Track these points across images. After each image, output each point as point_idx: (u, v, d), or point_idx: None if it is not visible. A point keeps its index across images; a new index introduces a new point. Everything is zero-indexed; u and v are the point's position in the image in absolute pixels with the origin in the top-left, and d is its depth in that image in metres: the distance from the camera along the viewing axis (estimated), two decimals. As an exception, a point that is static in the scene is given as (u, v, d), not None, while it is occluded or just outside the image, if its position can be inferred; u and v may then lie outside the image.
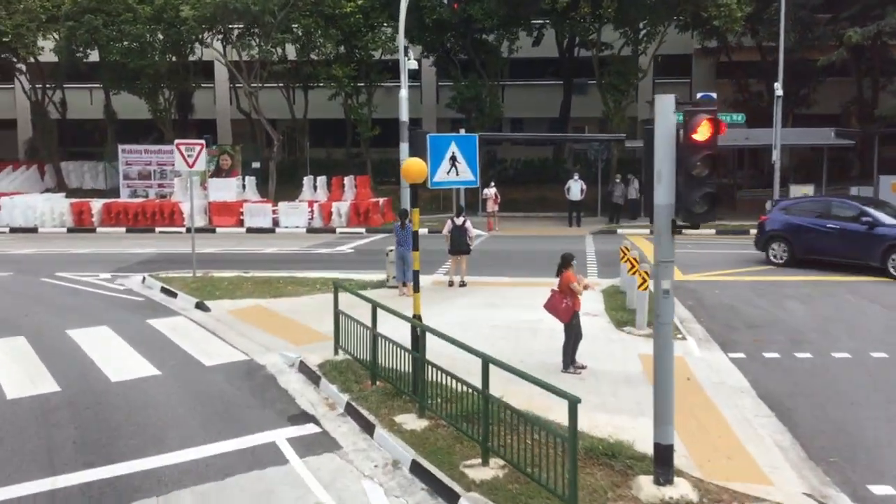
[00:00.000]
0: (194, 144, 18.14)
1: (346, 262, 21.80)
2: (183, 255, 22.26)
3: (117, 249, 24.45)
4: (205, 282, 17.77)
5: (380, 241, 26.67)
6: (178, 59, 35.28)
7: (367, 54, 33.64)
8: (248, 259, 22.34)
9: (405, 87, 17.84)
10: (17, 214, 30.66)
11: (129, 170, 34.99)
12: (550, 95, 42.86)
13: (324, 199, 31.57)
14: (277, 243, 26.16)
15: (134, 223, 30.62)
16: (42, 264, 21.12)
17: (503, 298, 16.43)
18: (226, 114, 43.77)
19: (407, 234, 16.60)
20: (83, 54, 33.69)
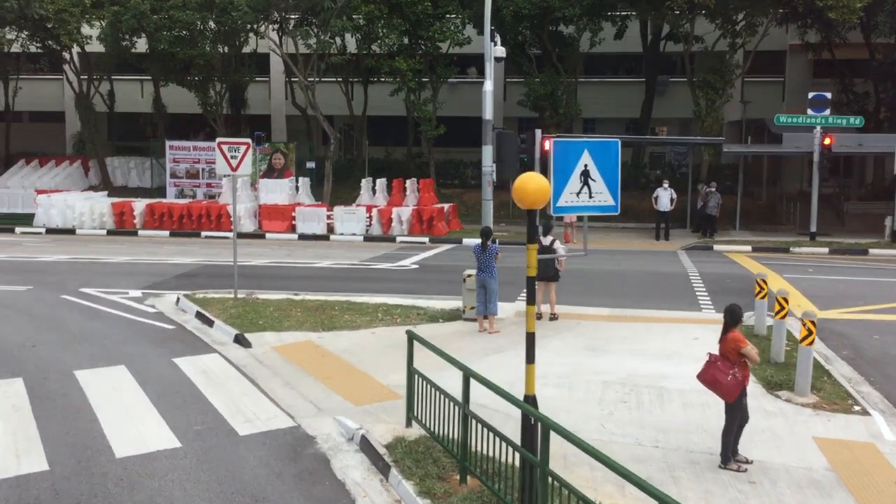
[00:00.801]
0: (239, 144, 15.44)
1: (409, 281, 18.92)
2: (227, 267, 19.63)
3: (156, 258, 21.97)
4: (247, 306, 15.05)
5: (445, 254, 23.75)
6: (230, 49, 32.86)
7: (434, 46, 30.74)
8: (298, 275, 19.62)
9: (490, 79, 14.92)
10: (54, 214, 28.53)
11: (177, 168, 32.72)
12: (628, 94, 39.49)
13: (383, 204, 28.80)
14: (332, 254, 23.44)
15: (178, 226, 28.25)
16: (68, 276, 18.69)
17: (606, 339, 13.34)
18: (280, 109, 41.36)
19: (489, 258, 13.63)
20: (129, 42, 31.47)
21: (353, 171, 35.46)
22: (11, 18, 28.11)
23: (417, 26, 29.73)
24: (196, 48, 29.90)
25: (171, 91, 36.29)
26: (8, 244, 24.65)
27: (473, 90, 41.38)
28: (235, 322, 13.90)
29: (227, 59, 33.62)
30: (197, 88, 31.84)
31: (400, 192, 29.06)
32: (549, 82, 30.08)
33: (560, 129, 30.66)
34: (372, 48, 32.03)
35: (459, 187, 35.38)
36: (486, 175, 14.59)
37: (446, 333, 13.51)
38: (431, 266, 21.06)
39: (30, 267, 20.06)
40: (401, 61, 29.71)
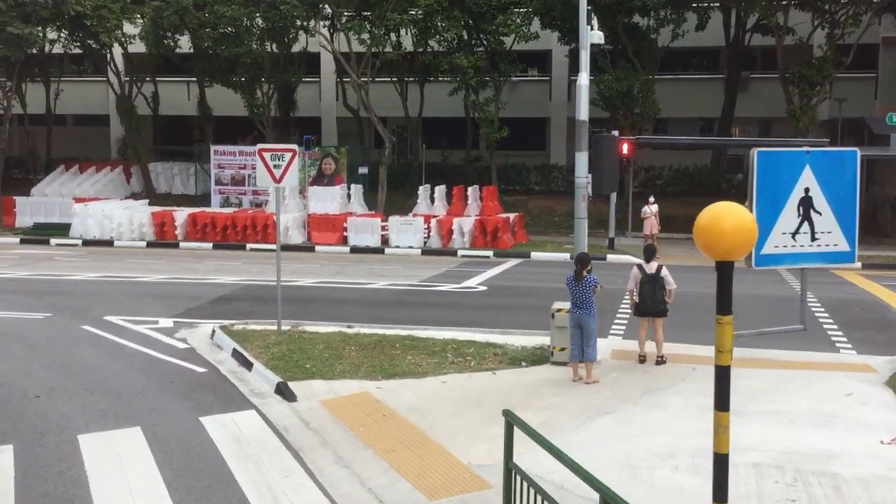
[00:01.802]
0: (283, 151, 13.13)
1: (478, 308, 16.40)
2: (271, 288, 17.39)
3: (194, 276, 19.84)
4: (293, 343, 12.73)
5: (514, 272, 21.19)
6: (279, 48, 30.77)
7: (497, 41, 28.22)
8: (350, 298, 17.24)
9: (585, 70, 12.29)
10: (91, 225, 26.72)
11: (222, 174, 30.76)
12: (703, 91, 36.48)
13: (443, 214, 26.36)
14: (387, 271, 21.06)
15: (222, 238, 26.20)
16: (94, 300, 16.60)
17: (737, 392, 10.62)
18: (331, 111, 39.25)
19: (585, 292, 11.05)
20: (171, 40, 29.59)
21: (407, 177, 33.16)
22: (47, 15, 26.40)
23: (480, 19, 27.25)
24: (242, 46, 27.86)
25: (217, 92, 34.42)
26: (39, 259, 22.81)
27: (535, 89, 38.84)
28: (278, 364, 11.56)
29: (274, 59, 31.56)
30: (243, 89, 29.81)
31: (460, 201, 26.60)
32: (625, 79, 27.30)
33: (635, 131, 27.88)
34: (429, 44, 29.68)
35: (523, 194, 32.82)
36: (579, 188, 12.00)
37: (534, 383, 10.99)
38: (501, 288, 18.52)
39: (54, 288, 18.06)
40: (461, 57, 27.26)
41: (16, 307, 15.65)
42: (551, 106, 38.47)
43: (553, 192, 33.28)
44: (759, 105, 34.81)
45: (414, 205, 30.61)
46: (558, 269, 21.83)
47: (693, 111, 37.33)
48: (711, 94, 35.90)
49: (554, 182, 33.98)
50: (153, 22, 27.43)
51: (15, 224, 28.99)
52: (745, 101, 35.00)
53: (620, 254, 24.19)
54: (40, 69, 34.80)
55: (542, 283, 19.30)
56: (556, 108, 38.30)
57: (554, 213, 30.43)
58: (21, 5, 25.57)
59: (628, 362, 12.14)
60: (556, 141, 38.57)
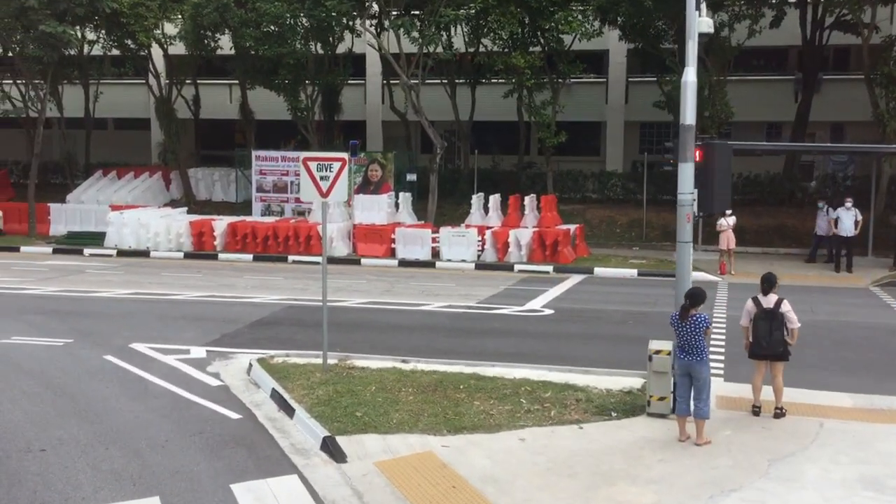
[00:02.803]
0: (331, 160, 11.41)
1: (548, 336, 14.51)
2: (316, 310, 15.79)
3: (232, 294, 18.24)
4: (340, 382, 10.99)
5: (580, 290, 19.23)
6: (324, 47, 29.19)
7: (556, 39, 26.28)
8: (403, 323, 15.47)
9: (693, 64, 10.31)
10: (126, 234, 25.37)
11: (263, 180, 29.26)
12: (773, 93, 34.11)
13: (497, 225, 24.50)
14: (440, 289, 19.27)
15: (263, 249, 24.66)
16: (122, 322, 15.07)
17: (885, 462, 8.64)
18: (376, 114, 37.60)
19: (695, 333, 9.10)
20: (212, 39, 28.16)
21: (457, 185, 31.35)
22: (82, 13, 25.12)
23: (538, 16, 25.35)
24: (285, 46, 26.30)
25: (259, 95, 32.99)
26: (69, 272, 21.46)
27: (590, 91, 36.63)
28: (324, 412, 9.83)
29: (319, 60, 30.00)
30: (286, 91, 28.26)
31: (517, 211, 24.71)
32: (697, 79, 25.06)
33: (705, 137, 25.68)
34: (482, 43, 27.85)
35: (579, 203, 30.79)
36: (683, 206, 10.02)
37: (632, 444, 9.09)
38: (569, 311, 16.59)
39: (80, 307, 16.57)
40: (517, 57, 25.38)
41: (35, 331, 14.17)
42: (607, 109, 36.36)
43: (611, 201, 31.21)
44: (830, 108, 32.38)
45: (464, 214, 28.78)
46: (626, 287, 19.88)
47: (759, 114, 34.91)
48: (779, 97, 33.56)
49: (612, 190, 31.91)
50: (193, 20, 26.01)
51: (49, 232, 27.81)
52: (817, 104, 32.59)
53: (692, 270, 22.02)
54: (80, 71, 33.74)
55: (613, 305, 17.36)
56: (612, 112, 36.18)
57: (615, 224, 28.41)
58: (55, 2, 24.31)
59: (739, 414, 10.17)
60: (612, 146, 36.45)
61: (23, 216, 27.86)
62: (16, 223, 28.05)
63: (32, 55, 25.45)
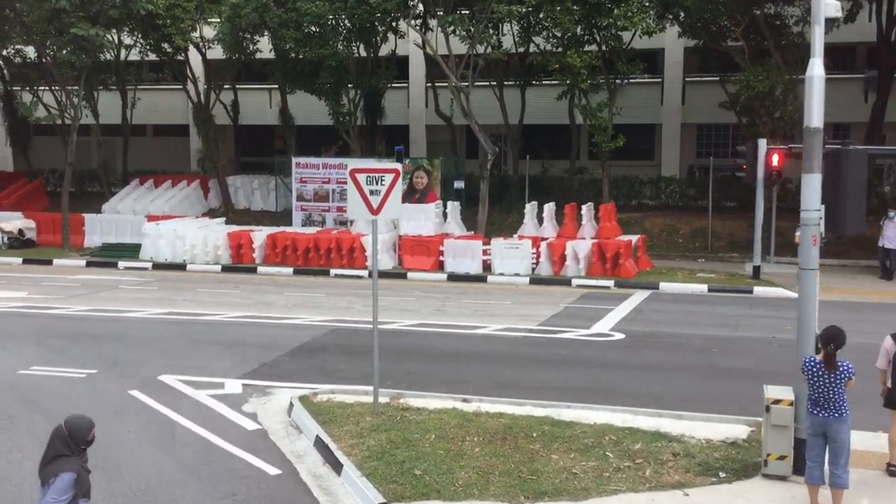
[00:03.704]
0: (382, 172, 9.95)
1: (624, 366, 12.88)
2: (363, 334, 14.47)
3: (272, 314, 16.90)
4: (394, 428, 9.54)
5: (646, 308, 17.54)
6: (366, 49, 27.85)
7: (615, 37, 24.61)
8: (458, 350, 13.95)
9: (819, 55, 8.61)
10: (162, 246, 24.24)
11: (304, 189, 28.01)
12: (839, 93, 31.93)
13: (553, 236, 22.90)
14: (495, 308, 17.74)
15: (304, 262, 23.36)
16: (151, 348, 13.78)
17: None
18: (419, 119, 36.23)
19: (835, 384, 7.42)
20: (250, 41, 26.97)
21: (506, 191, 29.83)
22: (116, 16, 24.08)
23: (595, 11, 23.71)
24: (326, 47, 25.01)
25: (299, 100, 31.83)
26: (101, 287, 20.34)
27: (644, 92, 34.81)
28: (377, 467, 8.38)
29: (361, 62, 28.68)
30: (327, 96, 26.96)
31: (573, 221, 23.07)
32: (767, 78, 23.29)
33: (777, 139, 23.86)
34: (534, 42, 26.26)
35: (636, 210, 29.04)
36: (807, 226, 8.25)
37: (751, 516, 7.48)
38: (641, 335, 14.94)
39: (109, 330, 15.34)
40: (573, 56, 23.76)
41: (57, 359, 12.95)
42: (663, 111, 34.53)
43: (670, 208, 29.41)
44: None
45: (514, 223, 27.27)
46: (698, 305, 18.15)
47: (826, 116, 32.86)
48: (845, 97, 31.44)
49: (671, 197, 30.11)
50: (231, 22, 24.82)
51: (83, 244, 26.85)
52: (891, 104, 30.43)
53: (768, 285, 20.27)
54: (117, 77, 32.89)
55: (690, 327, 15.68)
56: (668, 114, 34.34)
57: (675, 234, 26.61)
58: (87, 4, 23.29)
59: (871, 474, 8.49)
60: (668, 150, 34.59)
61: (57, 227, 26.95)
62: (50, 234, 27.15)
63: (65, 59, 24.47)
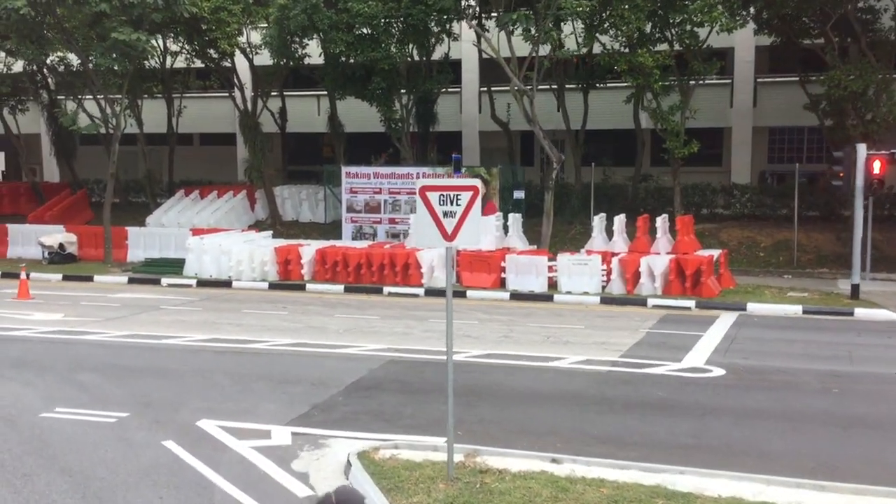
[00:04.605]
0: (458, 189, 8.31)
1: (734, 413, 11.01)
2: (426, 365, 12.89)
3: (324, 340, 15.39)
4: (473, 498, 7.87)
5: (740, 335, 15.60)
6: (419, 52, 26.33)
7: (689, 34, 22.73)
8: (537, 391, 12.20)
9: None
10: (207, 262, 22.97)
11: (354, 199, 26.56)
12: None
13: (624, 251, 21.07)
14: (568, 333, 16.00)
15: (355, 278, 21.88)
16: (191, 384, 12.32)
17: None
18: (472, 125, 34.65)
19: None
20: (299, 44, 25.62)
21: (567, 201, 28.01)
22: (159, 19, 22.92)
23: (668, 7, 21.86)
24: (379, 50, 23.55)
25: (347, 106, 30.50)
26: (142, 307, 19.08)
27: (712, 94, 32.69)
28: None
29: (414, 66, 27.17)
30: (379, 101, 25.47)
31: (645, 235, 21.22)
32: (860, 77, 21.18)
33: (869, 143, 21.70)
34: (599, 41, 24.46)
35: (708, 220, 27.00)
36: None
37: None
38: (743, 370, 13.04)
39: (146, 361, 13.95)
40: (645, 55, 21.94)
41: (86, 398, 11.55)
42: (732, 114, 32.39)
43: (745, 218, 27.31)
44: None
45: (577, 236, 25.60)
46: (797, 331, 16.16)
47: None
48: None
49: (745, 206, 28.00)
50: (278, 24, 23.50)
51: (126, 258, 25.75)
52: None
53: (870, 306, 18.16)
54: (163, 85, 31.91)
55: (796, 360, 13.75)
56: (738, 117, 32.18)
57: (756, 247, 24.53)
58: (129, 7, 22.15)
59: None
60: (738, 155, 32.41)
61: (99, 241, 25.90)
62: (92, 248, 26.11)
63: (105, 65, 23.40)
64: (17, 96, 31.19)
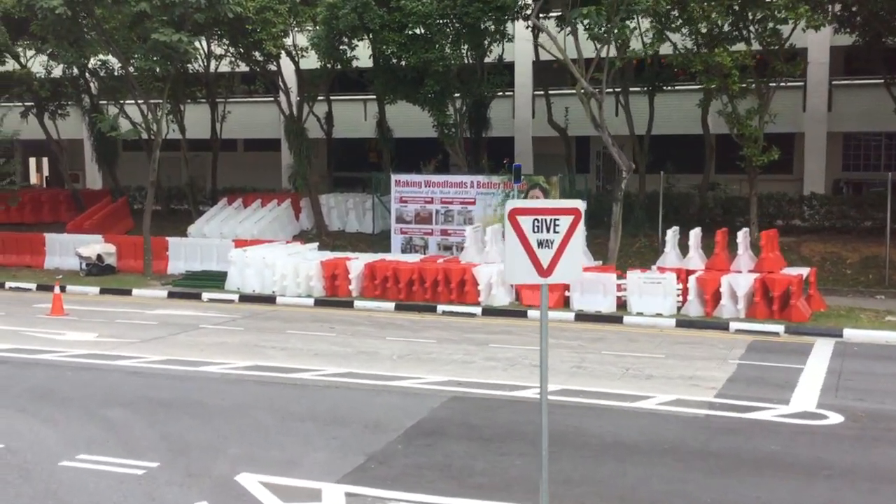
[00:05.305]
0: (558, 213, 6.74)
1: (870, 474, 9.24)
2: (493, 403, 11.35)
3: (376, 370, 13.92)
4: None
5: (846, 368, 13.72)
6: (475, 52, 24.80)
7: (770, 31, 20.88)
8: (624, 439, 10.54)
9: None
10: (249, 275, 21.69)
11: (404, 209, 25.09)
12: None
13: (701, 268, 19.26)
14: (648, 364, 14.32)
15: (406, 295, 20.41)
16: (230, 425, 10.87)
17: None
18: (526, 130, 33.05)
19: None
20: (348, 45, 24.25)
21: (631, 212, 26.17)
22: (202, 20, 21.73)
23: (747, 2, 20.04)
24: (433, 51, 22.09)
25: (394, 111, 29.13)
26: (181, 327, 17.80)
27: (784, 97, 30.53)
28: None
29: (468, 69, 25.62)
30: (432, 105, 23.96)
31: (724, 250, 19.37)
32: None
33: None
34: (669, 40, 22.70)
35: (784, 233, 24.99)
36: None
37: None
38: (864, 414, 11.22)
39: (181, 393, 12.57)
40: (723, 54, 20.14)
41: (112, 443, 10.18)
42: (805, 118, 30.29)
43: (825, 231, 25.25)
44: None
45: (642, 250, 23.91)
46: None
47: None
48: None
49: (826, 218, 25.94)
50: (327, 24, 22.15)
51: (167, 270, 24.62)
52: None
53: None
54: (207, 90, 30.87)
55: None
56: (811, 122, 30.07)
57: (841, 263, 22.50)
58: (170, 7, 20.99)
59: None
60: (811, 162, 30.30)
61: (139, 251, 24.78)
62: (131, 259, 25.02)
63: (146, 67, 22.30)
64: (59, 101, 30.34)
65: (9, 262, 26.46)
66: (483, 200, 24.06)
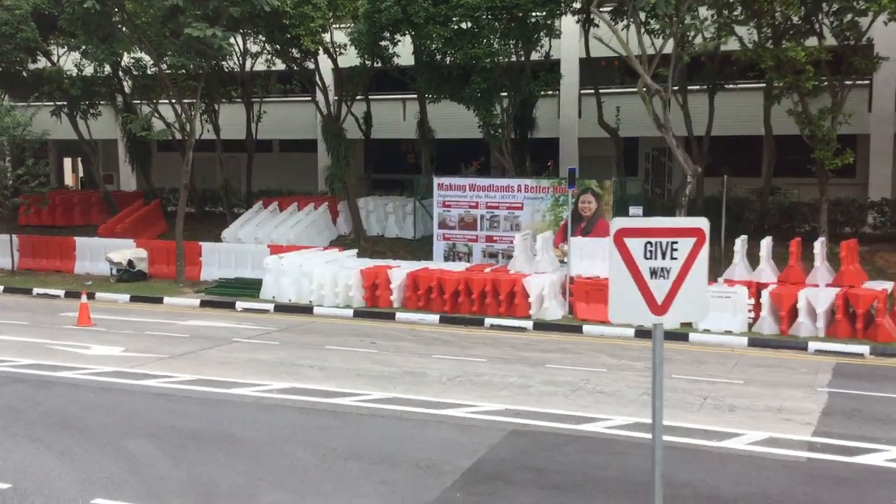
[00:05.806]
0: (676, 234, 5.38)
1: None
2: (559, 439, 10.01)
3: (424, 395, 12.60)
4: None
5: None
6: (524, 47, 23.42)
7: (849, 23, 19.24)
8: (718, 493, 9.14)
9: None
10: (285, 284, 20.54)
11: (447, 214, 23.79)
12: None
13: (772, 280, 17.70)
14: (727, 393, 12.87)
15: (451, 307, 19.11)
16: (264, 463, 9.60)
17: None
18: (572, 130, 31.53)
19: None
20: (390, 40, 23.01)
21: (687, 217, 24.61)
22: (237, 14, 20.62)
23: (825, -7, 18.49)
24: (480, 46, 20.76)
25: (436, 111, 27.85)
26: (213, 340, 16.67)
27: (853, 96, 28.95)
28: None
29: (516, 67, 24.24)
30: (478, 104, 22.61)
31: (797, 261, 17.81)
32: None
33: None
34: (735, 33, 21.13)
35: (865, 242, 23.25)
36: None
37: None
38: None
39: (210, 422, 11.35)
40: (796, 49, 18.55)
41: (134, 483, 8.98)
42: (871, 119, 28.41)
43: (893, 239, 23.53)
44: None
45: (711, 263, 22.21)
46: None
47: None
48: None
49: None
50: (368, 19, 20.93)
51: (200, 276, 23.58)
52: None
53: None
54: (242, 89, 29.85)
55: None
56: (878, 123, 28.18)
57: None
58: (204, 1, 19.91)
59: None
60: (877, 166, 28.42)
61: (171, 256, 23.78)
62: (164, 265, 24.03)
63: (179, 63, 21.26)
64: (91, 100, 29.49)
65: (38, 267, 25.64)
66: (531, 206, 22.69)
